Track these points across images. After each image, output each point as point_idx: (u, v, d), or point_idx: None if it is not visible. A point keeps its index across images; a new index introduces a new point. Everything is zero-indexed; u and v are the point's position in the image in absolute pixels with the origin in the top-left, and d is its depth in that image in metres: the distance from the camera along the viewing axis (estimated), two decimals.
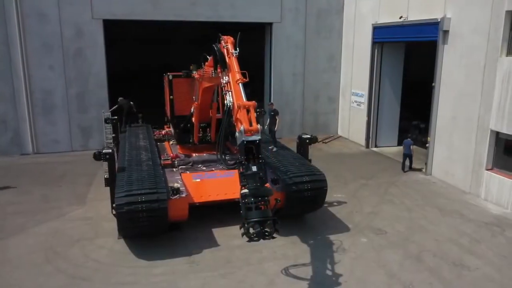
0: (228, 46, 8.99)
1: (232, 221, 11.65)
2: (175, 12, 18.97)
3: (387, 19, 17.72)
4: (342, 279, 8.98)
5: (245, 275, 9.25)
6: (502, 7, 12.19)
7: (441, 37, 14.47)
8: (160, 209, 9.52)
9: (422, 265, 9.58)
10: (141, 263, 9.75)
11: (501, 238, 10.86)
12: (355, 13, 20.24)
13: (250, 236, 7.24)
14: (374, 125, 19.61)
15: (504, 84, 12.31)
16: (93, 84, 18.75)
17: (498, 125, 12.62)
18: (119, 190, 9.64)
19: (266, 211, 7.40)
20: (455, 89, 14.21)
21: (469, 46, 13.48)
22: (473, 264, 9.57)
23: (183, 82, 14.57)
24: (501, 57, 12.40)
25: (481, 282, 8.89)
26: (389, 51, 18.81)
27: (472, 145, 13.63)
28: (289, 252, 10.15)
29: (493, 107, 12.70)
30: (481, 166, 13.36)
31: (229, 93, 8.51)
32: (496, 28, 12.43)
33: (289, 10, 20.60)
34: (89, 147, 19.17)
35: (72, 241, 10.76)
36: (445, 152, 14.89)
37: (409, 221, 11.90)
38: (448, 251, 10.20)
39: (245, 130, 7.56)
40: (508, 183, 12.44)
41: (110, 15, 18.22)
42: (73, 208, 12.88)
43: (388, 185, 14.85)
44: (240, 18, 19.95)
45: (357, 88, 20.46)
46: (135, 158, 12.03)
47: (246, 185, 7.54)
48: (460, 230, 11.29)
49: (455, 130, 14.33)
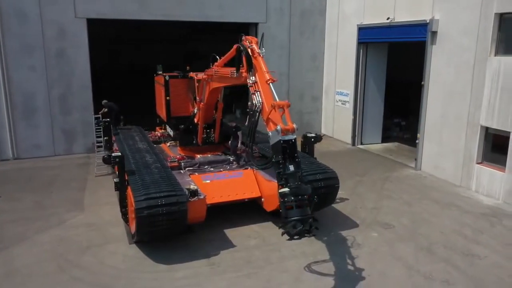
0: (253, 46, 9.01)
1: (242, 221, 11.78)
2: (161, 12, 18.64)
3: (372, 20, 18.28)
4: (364, 274, 9.22)
5: (269, 274, 9.30)
6: (491, 9, 12.93)
7: (429, 38, 15.12)
8: (180, 212, 9.40)
9: (435, 256, 10.01)
10: (160, 267, 9.56)
11: (500, 227, 11.52)
12: (339, 14, 20.71)
13: (292, 234, 7.31)
14: (359, 123, 20.17)
15: (493, 83, 13.05)
16: (76, 85, 18.07)
17: (489, 121, 13.37)
18: (137, 193, 9.41)
19: (306, 209, 7.50)
20: (445, 87, 14.90)
21: (458, 47, 14.17)
22: (482, 253, 10.11)
23: (180, 83, 14.42)
24: (490, 56, 13.13)
25: (492, 269, 9.41)
26: (374, 51, 19.41)
27: (462, 140, 14.35)
28: (307, 250, 10.28)
29: (483, 104, 13.44)
30: (471, 160, 14.10)
31: (257, 93, 8.54)
32: (485, 30, 13.16)
33: (273, 11, 20.78)
34: (73, 151, 18.56)
35: (81, 248, 10.38)
36: (435, 148, 15.58)
37: (411, 215, 12.37)
38: (455, 241, 10.71)
39: (282, 130, 7.62)
40: (498, 176, 13.21)
41: (94, 14, 17.63)
42: (72, 215, 12.40)
43: (382, 181, 15.34)
44: (227, 18, 19.91)
45: (341, 87, 20.95)
46: (141, 161, 11.76)
47: (284, 184, 7.59)
48: (461, 222, 11.87)
49: (445, 127, 15.02)
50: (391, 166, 17.19)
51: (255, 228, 11.51)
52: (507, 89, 12.65)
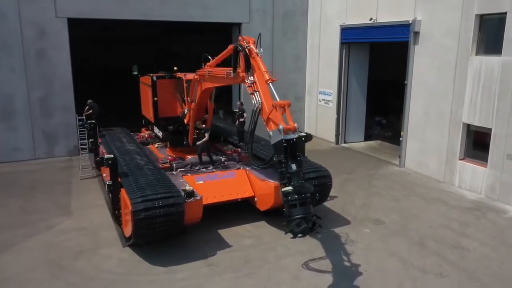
0: (251, 46, 9.03)
1: (236, 221, 11.79)
2: (144, 11, 18.40)
3: (354, 21, 18.61)
4: (361, 269, 9.40)
5: (268, 273, 9.35)
6: (471, 10, 13.39)
7: (412, 38, 15.53)
8: (177, 213, 9.35)
9: (427, 250, 10.30)
10: (158, 269, 9.46)
11: (485, 220, 11.96)
12: (321, 14, 20.97)
13: (296, 232, 7.39)
14: (343, 122, 20.48)
15: (475, 81, 13.53)
16: (57, 86, 17.61)
17: (471, 118, 13.85)
18: (134, 196, 9.28)
19: (309, 207, 7.59)
20: (427, 86, 15.33)
21: (440, 47, 14.61)
22: (470, 245, 10.48)
23: (167, 83, 14.27)
24: (472, 56, 13.61)
25: (482, 261, 9.77)
26: (356, 51, 19.76)
27: (445, 137, 14.80)
28: (303, 248, 10.38)
29: (465, 102, 13.91)
30: (454, 156, 14.56)
31: (256, 93, 8.57)
32: (466, 30, 13.63)
33: (256, 11, 20.84)
34: (55, 154, 18.10)
35: (73, 253, 10.14)
36: (418, 145, 16.01)
37: (400, 211, 12.68)
38: (445, 235, 11.05)
39: (284, 129, 7.69)
40: (480, 171, 13.70)
41: (75, 13, 17.24)
42: (60, 219, 12.09)
43: (369, 178, 15.65)
44: (211, 18, 19.84)
45: (324, 87, 21.22)
46: (132, 163, 11.60)
47: (287, 183, 7.65)
48: (448, 216, 12.25)
49: (428, 125, 15.46)
50: (375, 163, 17.55)
51: (249, 228, 11.54)
52: (488, 88, 13.14)
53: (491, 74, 13.01)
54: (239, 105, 14.58)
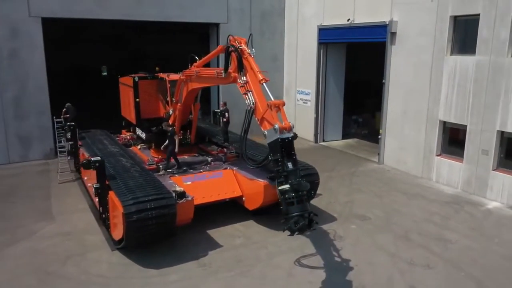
0: (243, 47, 9.07)
1: (224, 221, 11.81)
2: (120, 11, 18.09)
3: (331, 22, 18.95)
4: (352, 264, 9.63)
5: (261, 271, 9.43)
6: (446, 12, 13.93)
7: (389, 39, 15.98)
8: (170, 214, 9.29)
9: (412, 243, 10.66)
10: (150, 272, 9.37)
11: (464, 213, 12.48)
12: (298, 15, 21.23)
13: (294, 230, 7.49)
14: (321, 121, 20.82)
15: (450, 80, 14.09)
16: (32, 88, 17.06)
17: (446, 115, 14.41)
18: (125, 198, 9.15)
19: (306, 204, 7.72)
20: (404, 85, 15.82)
21: (416, 47, 15.11)
22: (452, 237, 10.92)
23: (149, 84, 14.11)
24: (447, 56, 14.15)
25: (465, 252, 10.20)
26: (333, 51, 20.13)
27: (422, 134, 15.32)
28: (293, 245, 10.51)
29: (441, 100, 14.45)
30: (431, 152, 15.10)
31: (249, 93, 8.63)
32: (441, 31, 14.16)
33: (234, 11, 20.87)
34: (30, 158, 17.54)
35: (61, 259, 9.89)
36: (396, 142, 16.49)
37: (383, 206, 13.03)
38: (428, 228, 11.46)
39: (279, 128, 7.78)
40: (457, 166, 14.27)
41: (49, 13, 16.74)
42: (42, 225, 11.74)
43: (350, 176, 15.99)
44: (188, 18, 19.72)
45: (302, 86, 21.49)
46: (118, 165, 11.41)
47: (284, 182, 7.75)
48: (429, 210, 12.70)
49: (406, 123, 15.96)
50: (355, 161, 17.95)
51: (238, 227, 11.59)
52: (463, 86, 13.71)
53: (465, 73, 13.58)
54: (223, 105, 14.59)
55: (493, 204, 12.98)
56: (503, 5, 12.34)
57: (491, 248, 10.36)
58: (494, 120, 12.93)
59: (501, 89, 12.64)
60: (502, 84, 12.60)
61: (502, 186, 12.95)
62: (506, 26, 12.29)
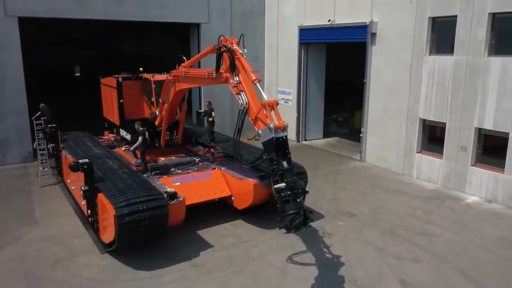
0: (235, 47, 9.12)
1: (213, 221, 11.86)
2: (100, 10, 17.78)
3: (312, 22, 19.21)
4: (343, 259, 9.84)
5: (254, 269, 9.52)
6: (425, 13, 14.37)
7: (369, 39, 16.34)
8: (162, 215, 9.26)
9: (398, 238, 10.97)
10: (143, 274, 9.31)
11: (445, 208, 12.92)
12: (278, 15, 21.41)
13: (290, 228, 7.61)
14: (303, 120, 21.07)
15: (430, 79, 14.54)
16: (8, 89, 16.56)
17: (426, 113, 14.86)
18: (116, 200, 9.05)
19: (301, 202, 7.85)
20: (385, 84, 16.21)
21: (396, 47, 15.52)
22: (436, 231, 11.30)
23: (133, 85, 13.98)
24: (426, 56, 14.60)
25: (449, 245, 10.58)
26: (314, 52, 20.41)
27: (403, 132, 15.75)
28: (284, 243, 10.65)
29: (421, 99, 14.90)
30: (412, 150, 15.55)
31: (242, 93, 8.69)
32: (420, 32, 14.60)
33: (215, 11, 20.85)
34: (7, 162, 17.08)
35: (49, 263, 9.70)
36: (378, 140, 16.88)
37: (368, 203, 13.33)
38: (412, 223, 11.82)
39: (274, 127, 7.89)
40: (436, 163, 14.75)
41: (27, 12, 16.30)
42: (26, 229, 11.48)
43: (334, 174, 16.27)
44: (169, 18, 19.58)
45: (284, 86, 21.68)
46: (104, 167, 11.26)
47: (279, 180, 7.86)
48: (412, 206, 13.08)
49: (387, 121, 16.36)
50: (337, 159, 18.26)
51: (227, 227, 11.64)
52: (442, 85, 14.18)
53: (444, 72, 14.05)
54: (208, 104, 14.58)
55: (472, 199, 13.49)
56: (479, 7, 12.84)
57: (473, 241, 10.78)
58: (472, 117, 13.43)
59: (478, 87, 13.15)
60: (479, 83, 13.11)
61: (480, 181, 13.47)
62: (482, 27, 12.79)
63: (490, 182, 13.21)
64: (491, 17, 12.68)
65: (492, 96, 12.82)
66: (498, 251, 10.23)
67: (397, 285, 8.86)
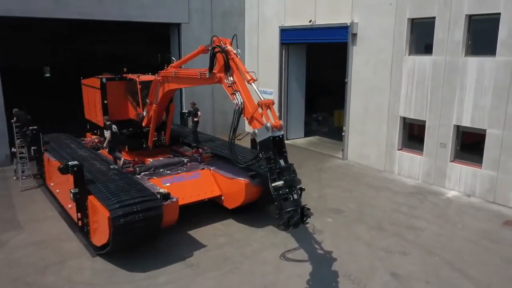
0: (229, 48, 9.18)
1: (203, 221, 11.90)
2: (79, 10, 17.42)
3: (293, 23, 19.45)
4: (334, 255, 10.07)
5: (250, 267, 9.62)
6: (404, 15, 14.83)
7: (350, 39, 16.71)
8: (156, 216, 9.23)
9: (386, 232, 11.31)
10: (138, 276, 9.25)
11: (428, 203, 13.37)
12: (258, 16, 21.56)
13: (289, 225, 7.74)
14: (284, 120, 21.27)
15: (409, 78, 15.01)
16: None
17: (407, 112, 15.33)
18: (109, 202, 8.96)
19: (299, 199, 8.00)
20: (366, 84, 16.60)
21: (376, 47, 15.93)
22: (421, 225, 11.70)
23: (117, 85, 13.82)
24: (406, 56, 15.07)
25: (435, 238, 10.99)
26: (294, 52, 20.67)
27: (384, 130, 16.19)
28: (275, 240, 10.81)
29: (402, 98, 15.36)
30: (393, 147, 16.00)
31: (237, 93, 8.77)
32: (400, 33, 15.04)
33: (195, 11, 20.79)
34: None
35: (39, 269, 9.51)
36: (359, 138, 17.27)
37: (354, 200, 13.65)
38: (398, 218, 12.19)
39: (271, 126, 8.00)
40: (417, 159, 15.24)
41: (2, 11, 15.77)
42: (11, 234, 11.19)
43: (318, 172, 16.55)
44: (150, 18, 19.39)
45: (265, 86, 21.78)
46: (93, 169, 11.08)
47: (276, 178, 7.98)
48: (396, 201, 13.48)
49: (368, 119, 16.77)
50: (320, 158, 18.57)
51: (218, 227, 11.68)
52: (421, 84, 14.67)
53: (423, 71, 14.54)
54: (192, 105, 14.56)
55: (452, 193, 14.02)
56: (456, 9, 13.36)
57: (457, 233, 11.23)
58: (451, 115, 13.96)
59: (456, 86, 13.68)
60: (457, 82, 13.64)
61: (459, 176, 14.02)
62: (460, 28, 13.32)
63: (469, 177, 13.77)
64: (467, 19, 13.22)
65: (469, 95, 13.37)
66: (481, 243, 10.70)
67: (388, 278, 9.15)
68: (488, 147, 13.14)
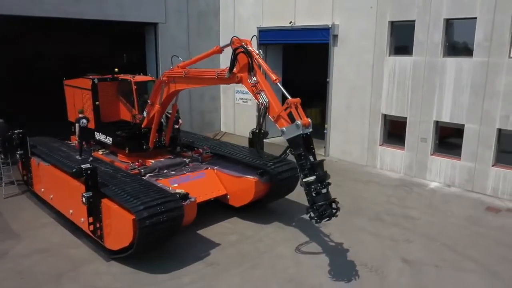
0: (251, 48, 9.34)
1: (209, 220, 11.95)
2: (55, 8, 16.70)
3: (271, 23, 19.85)
4: (345, 246, 10.59)
5: (269, 262, 9.88)
6: (385, 18, 15.71)
7: (332, 40, 17.39)
8: (179, 216, 9.23)
9: (385, 223, 12.01)
10: (161, 277, 9.21)
11: (414, 194, 14.30)
12: (234, 16, 21.74)
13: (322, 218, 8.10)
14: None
15: (390, 78, 15.93)
16: None
17: (388, 109, 16.25)
18: (132, 204, 8.83)
19: (329, 193, 8.39)
20: (348, 83, 17.36)
21: (358, 48, 16.71)
22: (415, 215, 12.53)
23: (109, 86, 13.47)
24: (387, 57, 15.96)
25: (428, 225, 11.84)
26: (272, 52, 21.05)
27: (366, 127, 17.03)
28: (286, 236, 11.16)
29: (383, 96, 16.25)
30: (375, 143, 16.88)
31: (262, 93, 8.97)
32: (381, 35, 15.91)
33: (172, 11, 20.60)
34: None
35: (53, 277, 9.19)
36: (341, 135, 18.02)
37: (346, 194, 14.17)
38: (392, 209, 12.96)
39: (302, 124, 8.31)
40: (399, 154, 16.21)
41: None
42: (10, 244, 10.67)
43: None
44: (127, 17, 18.96)
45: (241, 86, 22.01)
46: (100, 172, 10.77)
47: (308, 174, 8.31)
48: (385, 193, 14.28)
49: (350, 117, 17.54)
50: None
51: (226, 225, 11.81)
52: (402, 83, 15.62)
53: (404, 71, 15.49)
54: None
55: (433, 184, 15.08)
56: (435, 13, 14.39)
57: (448, 220, 12.16)
58: (431, 111, 15.01)
59: (436, 85, 14.73)
60: (436, 81, 14.69)
61: (439, 168, 15.11)
62: (439, 31, 14.36)
63: (448, 168, 14.89)
64: (445, 22, 14.29)
65: (448, 92, 14.46)
66: (471, 228, 11.69)
67: (401, 264, 9.79)
68: (467, 140, 14.30)
